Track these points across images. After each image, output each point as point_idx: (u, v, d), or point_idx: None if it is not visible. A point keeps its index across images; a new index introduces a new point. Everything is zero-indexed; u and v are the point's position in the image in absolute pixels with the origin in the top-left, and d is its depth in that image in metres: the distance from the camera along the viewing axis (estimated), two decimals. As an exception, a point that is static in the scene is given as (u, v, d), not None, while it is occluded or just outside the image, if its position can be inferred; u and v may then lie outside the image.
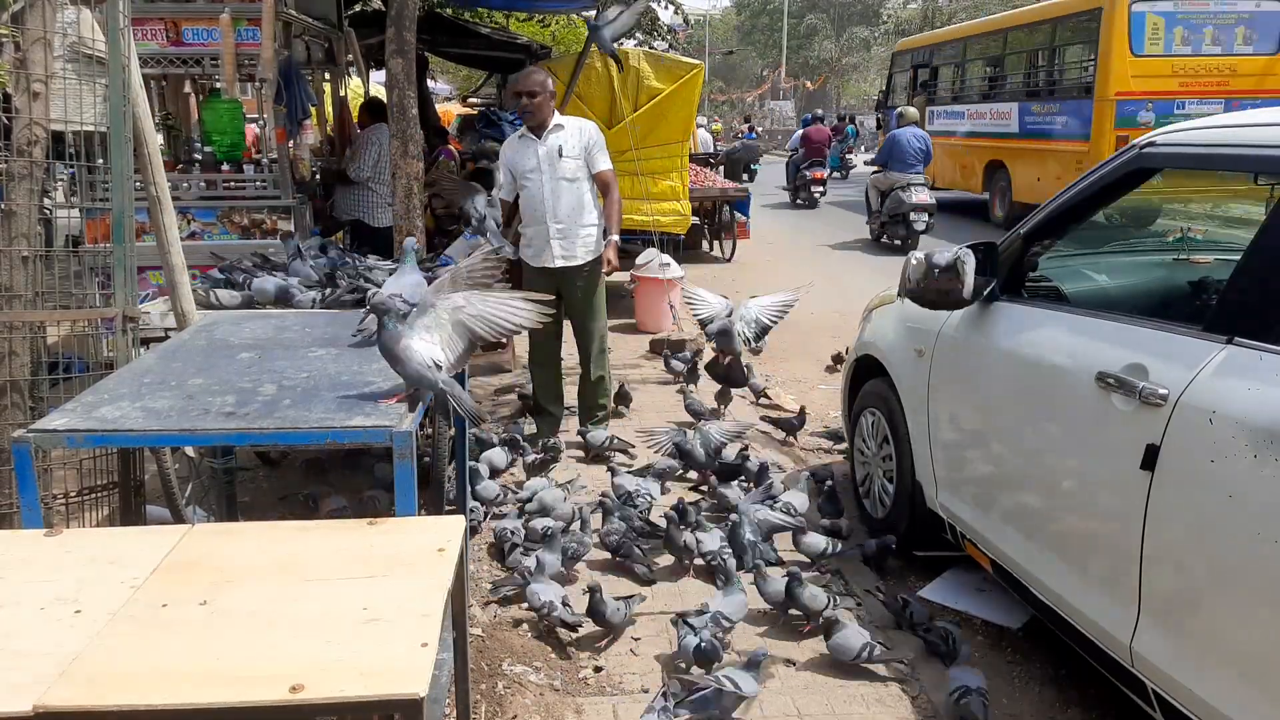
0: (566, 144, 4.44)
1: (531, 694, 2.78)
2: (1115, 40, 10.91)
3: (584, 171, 4.50)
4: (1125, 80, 10.93)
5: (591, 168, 4.51)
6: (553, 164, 4.44)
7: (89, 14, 2.86)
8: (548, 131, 4.45)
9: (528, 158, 4.48)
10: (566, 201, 4.47)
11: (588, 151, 4.48)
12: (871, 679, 2.88)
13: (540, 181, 4.45)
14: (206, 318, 2.93)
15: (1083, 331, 2.66)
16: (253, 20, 4.75)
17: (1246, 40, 11.08)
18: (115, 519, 2.76)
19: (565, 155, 4.44)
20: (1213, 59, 11.03)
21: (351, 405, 2.08)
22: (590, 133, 4.53)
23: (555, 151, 4.44)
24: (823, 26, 51.42)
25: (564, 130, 4.48)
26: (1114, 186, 2.80)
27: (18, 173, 2.58)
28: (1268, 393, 1.97)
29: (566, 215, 4.48)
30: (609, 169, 4.57)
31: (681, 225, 8.17)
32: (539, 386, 4.89)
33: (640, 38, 12.41)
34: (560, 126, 4.48)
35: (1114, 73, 10.95)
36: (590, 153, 4.49)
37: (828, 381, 6.29)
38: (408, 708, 1.25)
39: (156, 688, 1.25)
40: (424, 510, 2.48)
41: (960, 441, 3.26)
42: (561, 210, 4.47)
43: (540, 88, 4.40)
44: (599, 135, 4.57)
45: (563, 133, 4.46)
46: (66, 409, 2.06)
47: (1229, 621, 2.05)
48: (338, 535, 1.72)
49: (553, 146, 4.44)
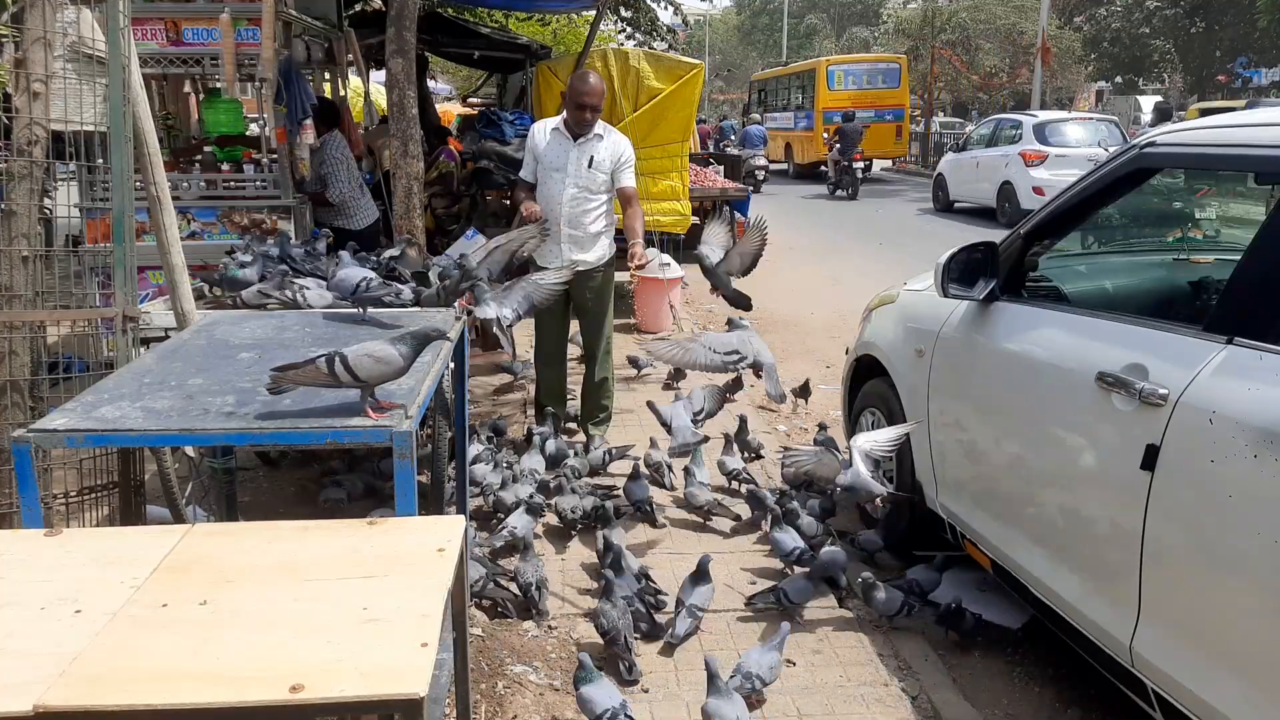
0: (599, 155, 4.40)
1: (531, 694, 2.78)
2: (820, 83, 23.97)
3: (608, 185, 4.47)
4: (826, 101, 23.40)
5: (617, 182, 4.48)
6: (580, 171, 4.40)
7: (89, 14, 2.86)
8: (588, 138, 4.41)
9: (557, 155, 4.43)
10: (584, 210, 4.45)
11: (617, 166, 4.45)
12: (872, 679, 2.88)
13: (563, 184, 4.41)
14: (206, 318, 2.93)
15: (1083, 331, 2.66)
16: (253, 20, 4.75)
17: (882, 81, 24.01)
18: (115, 519, 2.76)
19: (595, 167, 4.41)
20: (865, 91, 23.63)
21: (351, 405, 2.08)
22: (624, 149, 4.49)
23: (587, 160, 4.40)
24: (823, 26, 51.40)
25: (602, 142, 4.44)
26: (1114, 186, 2.80)
27: (18, 173, 2.58)
28: (1268, 393, 1.97)
29: (581, 222, 4.47)
30: (633, 186, 4.54)
31: (681, 225, 8.16)
32: (544, 385, 4.88)
33: (640, 38, 12.40)
34: (600, 136, 4.44)
35: (821, 97, 23.69)
36: (619, 169, 4.46)
37: (828, 381, 6.29)
38: (408, 708, 1.25)
39: (156, 688, 1.25)
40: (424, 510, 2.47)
41: (960, 441, 3.26)
42: (577, 217, 4.45)
43: (601, 99, 4.39)
44: (631, 153, 4.53)
45: (600, 144, 4.43)
46: (66, 409, 2.06)
47: (1229, 621, 2.05)
48: (338, 535, 1.72)
49: (585, 154, 4.40)
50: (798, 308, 8.73)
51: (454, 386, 3.40)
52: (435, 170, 7.67)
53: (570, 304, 4.68)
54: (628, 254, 4.38)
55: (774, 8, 52.30)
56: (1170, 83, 35.78)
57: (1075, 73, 35.23)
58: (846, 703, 2.76)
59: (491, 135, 8.14)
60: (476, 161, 7.76)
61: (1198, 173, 4.41)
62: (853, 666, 2.94)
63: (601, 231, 4.55)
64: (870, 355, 3.91)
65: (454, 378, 3.32)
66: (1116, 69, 33.45)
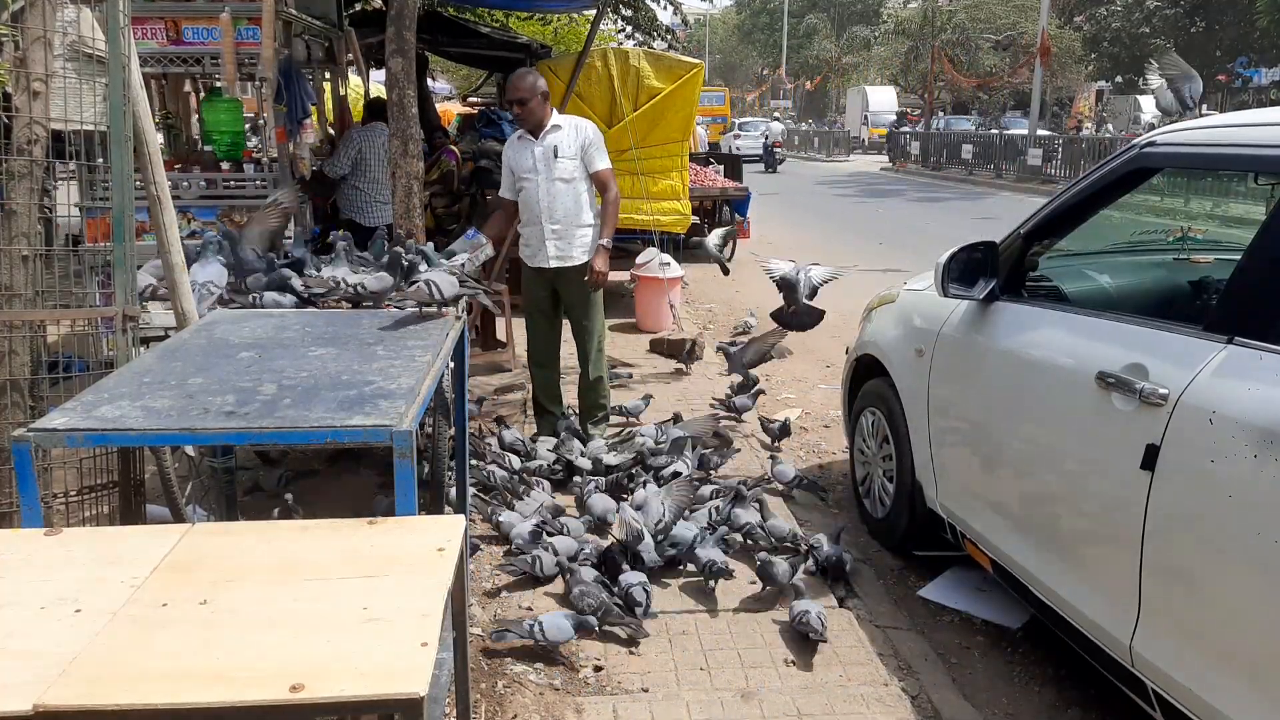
0: (563, 144, 4.44)
1: (531, 694, 2.78)
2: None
3: (581, 171, 4.48)
4: None
5: (589, 167, 4.49)
6: (549, 165, 4.43)
7: (89, 13, 2.86)
8: (545, 132, 4.44)
9: (525, 158, 4.48)
10: (562, 202, 4.46)
11: (584, 151, 4.46)
12: (872, 679, 2.88)
13: (536, 182, 4.45)
14: (207, 317, 2.93)
15: (1083, 331, 2.66)
16: (253, 19, 4.75)
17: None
18: (115, 518, 2.76)
19: (561, 156, 4.43)
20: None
21: (351, 405, 2.08)
22: (587, 132, 4.51)
23: (551, 152, 4.43)
24: (823, 26, 51.40)
25: (561, 130, 4.47)
26: (1114, 186, 2.79)
27: (18, 172, 2.58)
28: (1268, 393, 1.97)
29: (562, 216, 4.47)
30: (607, 168, 4.56)
31: (681, 225, 8.16)
32: (539, 387, 4.88)
33: (640, 37, 12.39)
34: (558, 127, 4.47)
35: None
36: (587, 152, 4.47)
37: (828, 381, 6.29)
38: (408, 707, 1.25)
39: (156, 687, 1.25)
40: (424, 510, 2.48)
41: (960, 441, 3.26)
42: (557, 211, 4.46)
43: (529, 93, 4.39)
44: (596, 134, 4.55)
45: (560, 133, 4.46)
46: (66, 408, 2.06)
47: (1229, 621, 2.05)
48: (338, 535, 1.72)
49: (549, 147, 4.43)
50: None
51: (454, 386, 3.40)
52: (435, 170, 7.67)
53: (560, 303, 4.68)
54: (601, 271, 4.47)
55: (774, 8, 52.35)
56: (1170, 83, 35.72)
57: (1075, 72, 35.24)
58: (846, 702, 2.76)
59: (491, 135, 8.14)
60: (477, 161, 7.76)
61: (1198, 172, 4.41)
62: (853, 666, 2.94)
63: (586, 225, 4.55)
64: (870, 355, 3.91)
65: (454, 378, 3.32)
66: (1116, 69, 33.46)
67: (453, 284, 2.91)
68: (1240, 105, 28.92)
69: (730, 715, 2.69)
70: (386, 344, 2.58)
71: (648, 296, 7.43)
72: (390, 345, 2.57)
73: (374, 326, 2.79)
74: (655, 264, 7.20)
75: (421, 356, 2.43)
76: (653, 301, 7.37)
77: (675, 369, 6.39)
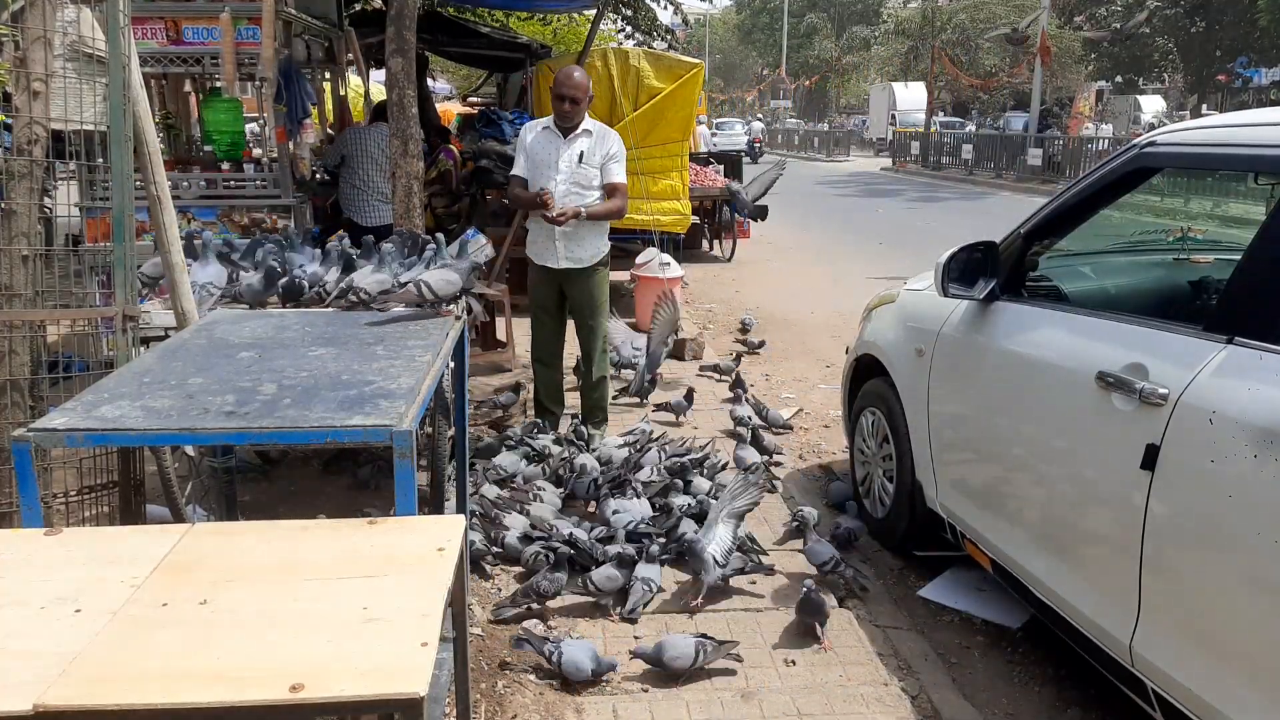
0: (589, 150, 4.41)
1: (531, 693, 2.78)
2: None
3: (599, 180, 4.47)
4: None
5: (605, 176, 4.47)
6: (571, 168, 4.40)
7: (89, 13, 2.86)
8: (576, 134, 4.42)
9: (548, 153, 4.44)
10: (576, 206, 4.45)
11: (606, 160, 4.45)
12: (872, 679, 2.88)
13: (555, 181, 4.41)
14: (207, 317, 2.93)
15: (1083, 331, 2.66)
16: (253, 19, 4.75)
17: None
18: (115, 518, 2.76)
19: (585, 162, 4.41)
20: None
21: (351, 405, 2.08)
22: (613, 144, 4.48)
23: (576, 156, 4.40)
24: (823, 26, 51.40)
25: (591, 137, 4.44)
26: (1114, 186, 2.80)
27: (18, 172, 2.58)
28: (1268, 393, 1.97)
29: (574, 220, 4.46)
30: (622, 182, 4.52)
31: (681, 225, 8.16)
32: (540, 385, 4.88)
33: (640, 37, 12.39)
34: (588, 132, 4.44)
35: None
36: (607, 163, 4.46)
37: (828, 381, 6.29)
38: (408, 707, 1.25)
39: (156, 687, 1.25)
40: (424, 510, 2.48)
41: (960, 441, 3.26)
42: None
43: (584, 92, 4.36)
44: (621, 148, 4.52)
45: (589, 139, 4.43)
46: (66, 408, 2.05)
47: (1229, 621, 2.05)
48: (338, 535, 1.72)
49: (575, 151, 4.41)
50: (798, 307, 8.74)
51: (454, 386, 3.40)
52: (435, 170, 7.67)
53: (565, 303, 4.68)
54: (565, 214, 4.31)
55: (774, 7, 52.36)
56: (1170, 82, 35.79)
57: (1075, 72, 35.24)
58: (846, 702, 2.76)
59: (491, 135, 8.13)
60: (477, 161, 7.76)
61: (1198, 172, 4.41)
62: (853, 666, 2.94)
63: (595, 229, 4.54)
64: (870, 355, 3.91)
65: (454, 378, 3.32)
66: (1116, 69, 33.47)
67: (449, 283, 2.90)
68: (1240, 105, 28.95)
69: (730, 715, 2.69)
70: (386, 344, 2.58)
71: (648, 296, 7.42)
72: (390, 345, 2.57)
73: (374, 326, 2.79)
74: (655, 264, 7.20)
75: (421, 356, 2.43)
76: (652, 301, 7.36)
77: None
